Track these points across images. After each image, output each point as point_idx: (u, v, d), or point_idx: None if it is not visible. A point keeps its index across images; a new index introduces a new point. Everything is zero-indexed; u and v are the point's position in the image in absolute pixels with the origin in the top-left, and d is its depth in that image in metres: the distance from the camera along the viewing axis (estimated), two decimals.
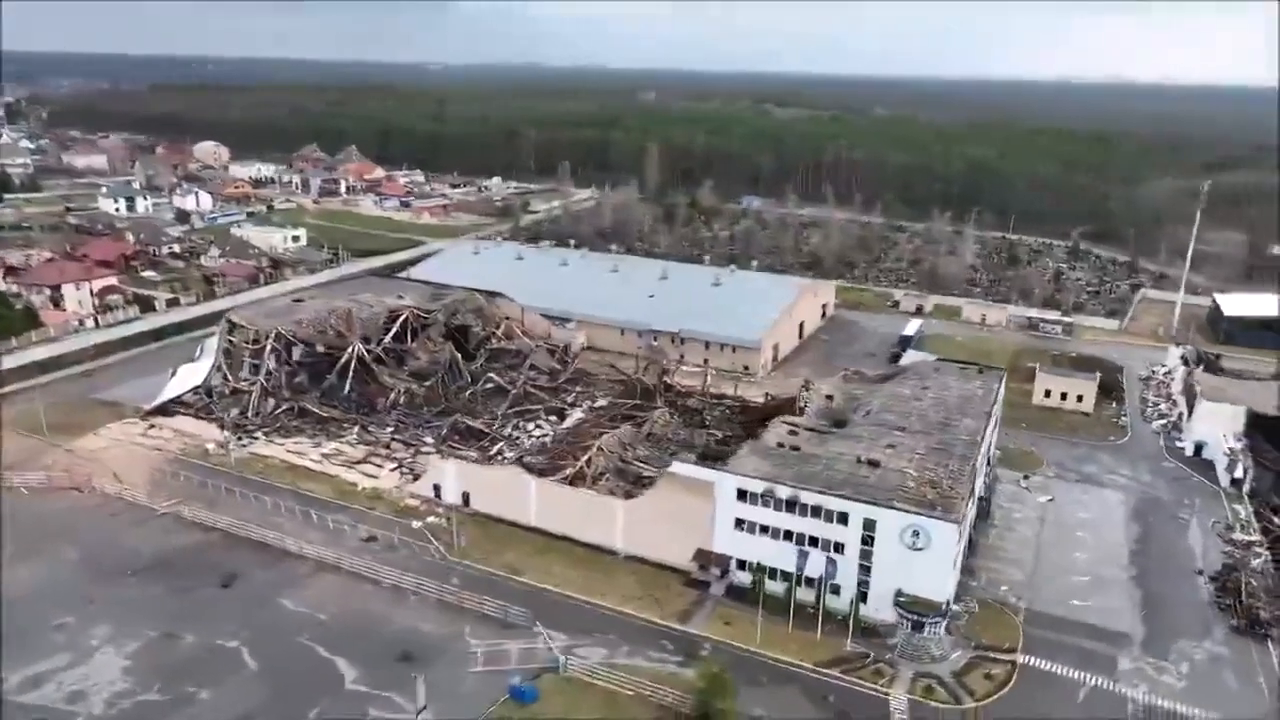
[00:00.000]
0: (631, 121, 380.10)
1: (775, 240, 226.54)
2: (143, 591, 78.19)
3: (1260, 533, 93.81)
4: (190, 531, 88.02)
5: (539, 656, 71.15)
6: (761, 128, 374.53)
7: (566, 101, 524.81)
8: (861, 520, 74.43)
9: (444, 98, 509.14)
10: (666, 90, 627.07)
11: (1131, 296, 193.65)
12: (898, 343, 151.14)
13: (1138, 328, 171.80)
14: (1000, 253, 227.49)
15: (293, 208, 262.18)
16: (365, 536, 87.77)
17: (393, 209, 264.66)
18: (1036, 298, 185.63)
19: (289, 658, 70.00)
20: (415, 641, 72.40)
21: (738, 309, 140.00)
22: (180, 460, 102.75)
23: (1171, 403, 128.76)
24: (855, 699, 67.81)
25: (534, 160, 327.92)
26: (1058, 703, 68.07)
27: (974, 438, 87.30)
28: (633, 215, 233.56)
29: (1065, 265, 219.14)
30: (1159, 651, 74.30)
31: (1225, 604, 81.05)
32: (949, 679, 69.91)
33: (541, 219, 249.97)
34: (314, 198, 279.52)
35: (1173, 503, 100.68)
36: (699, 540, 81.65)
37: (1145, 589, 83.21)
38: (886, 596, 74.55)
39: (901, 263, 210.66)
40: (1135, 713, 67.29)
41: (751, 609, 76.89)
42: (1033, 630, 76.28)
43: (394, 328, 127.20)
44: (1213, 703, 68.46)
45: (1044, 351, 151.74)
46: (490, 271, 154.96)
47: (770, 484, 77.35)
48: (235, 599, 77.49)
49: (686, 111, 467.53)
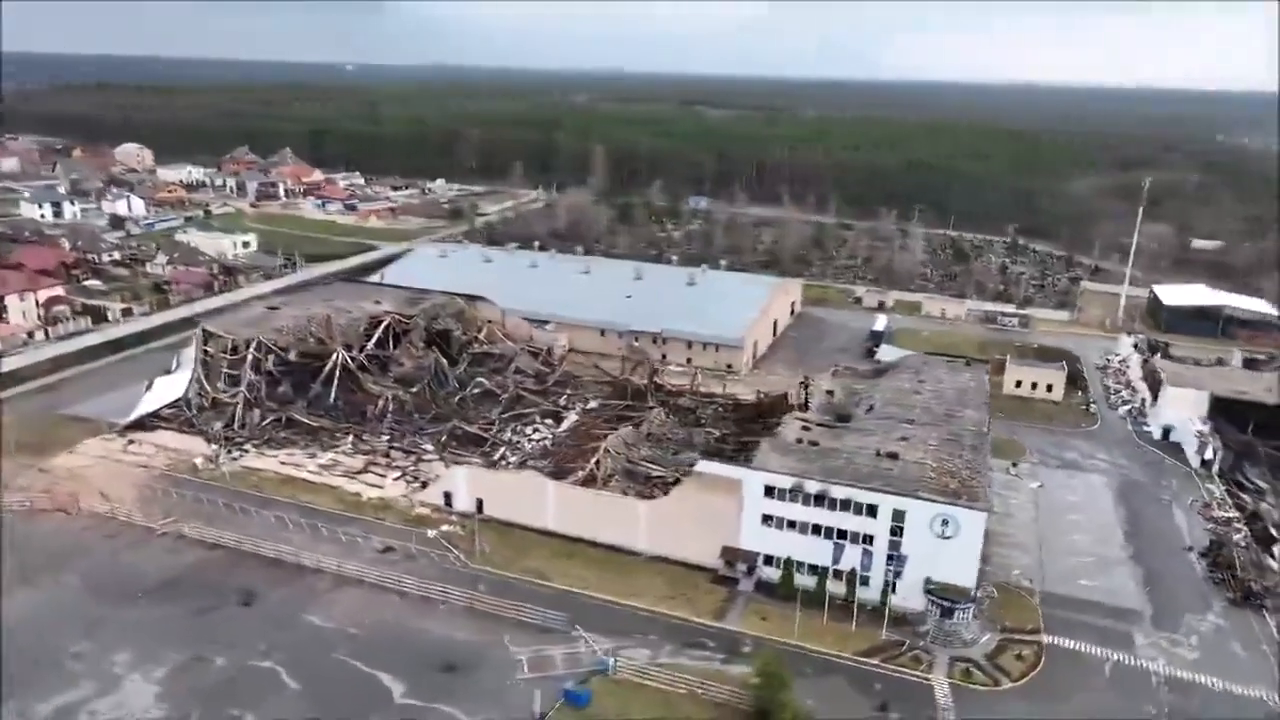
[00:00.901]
0: (574, 122, 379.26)
1: (730, 240, 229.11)
2: (157, 614, 74.99)
3: (1235, 509, 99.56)
4: (194, 550, 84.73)
5: (584, 660, 70.93)
6: (703, 129, 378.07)
7: (497, 103, 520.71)
8: (891, 511, 76.36)
9: (374, 99, 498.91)
10: (597, 91, 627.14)
11: (1073, 289, 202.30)
12: (869, 338, 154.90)
13: (1085, 319, 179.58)
14: (945, 249, 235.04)
15: (231, 212, 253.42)
16: (382, 548, 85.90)
17: (336, 212, 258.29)
18: (988, 292, 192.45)
19: (329, 675, 68.15)
20: (455, 651, 71.34)
21: (717, 308, 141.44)
22: (168, 476, 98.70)
23: (1132, 389, 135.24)
24: (899, 686, 69.57)
25: (476, 162, 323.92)
26: (1086, 678, 71.11)
27: (980, 428, 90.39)
28: (588, 216, 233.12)
29: (1007, 260, 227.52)
30: (1169, 626, 78.28)
31: (1218, 578, 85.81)
32: (984, 662, 72.35)
33: (494, 221, 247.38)
34: (251, 201, 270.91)
35: (1151, 484, 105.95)
36: (724, 538, 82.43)
37: (1144, 567, 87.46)
38: (915, 585, 76.62)
39: (855, 260, 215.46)
40: (1159, 685, 70.78)
41: (781, 603, 78.19)
42: (1050, 611, 79.40)
43: (376, 334, 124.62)
44: (1225, 672, 72.47)
45: (1006, 343, 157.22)
46: (460, 275, 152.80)
47: (799, 479, 78.67)
48: (258, 618, 74.99)
49: (621, 113, 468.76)
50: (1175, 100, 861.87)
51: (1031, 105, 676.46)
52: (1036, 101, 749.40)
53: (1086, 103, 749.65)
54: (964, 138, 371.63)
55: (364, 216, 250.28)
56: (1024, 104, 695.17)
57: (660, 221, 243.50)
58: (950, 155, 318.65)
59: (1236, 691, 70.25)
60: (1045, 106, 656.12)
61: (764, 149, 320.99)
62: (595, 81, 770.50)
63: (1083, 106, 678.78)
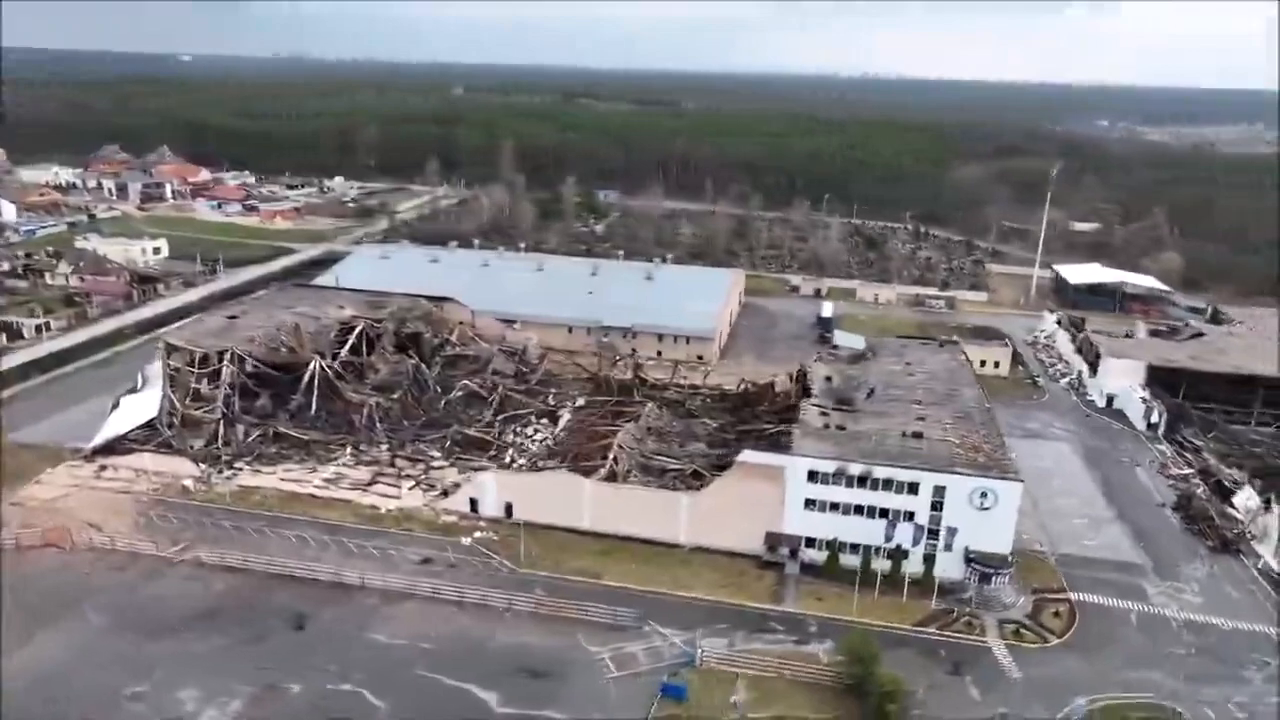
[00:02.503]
0: (476, 117, 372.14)
1: (652, 233, 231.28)
2: (207, 646, 70.79)
3: (1187, 466, 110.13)
4: (219, 576, 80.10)
5: (665, 654, 71.85)
6: (601, 122, 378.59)
7: (373, 96, 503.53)
8: (932, 488, 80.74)
9: (246, 93, 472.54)
10: (472, 84, 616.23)
11: (980, 271, 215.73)
12: (818, 324, 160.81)
13: (999, 298, 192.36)
14: (853, 236, 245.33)
15: (117, 216, 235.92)
16: (420, 559, 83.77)
17: (236, 214, 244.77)
18: (907, 277, 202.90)
19: (416, 692, 66.38)
20: (534, 656, 70.86)
21: (682, 301, 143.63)
22: (159, 501, 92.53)
23: (1066, 363, 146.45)
24: (961, 651, 74.02)
25: (374, 158, 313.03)
26: (1118, 628, 77.74)
27: (983, 405, 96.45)
28: (516, 212, 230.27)
29: (915, 246, 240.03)
30: (1170, 575, 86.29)
31: (1195, 530, 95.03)
32: (1028, 622, 77.81)
33: (411, 218, 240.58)
34: (137, 204, 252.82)
35: (1110, 449, 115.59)
36: (766, 524, 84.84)
37: (1131, 524, 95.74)
38: (955, 556, 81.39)
39: (780, 250, 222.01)
40: (1179, 628, 78.20)
41: (828, 583, 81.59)
42: (1067, 570, 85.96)
43: (350, 340, 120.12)
44: (1228, 612, 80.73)
45: (939, 324, 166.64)
46: (411, 276, 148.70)
47: (842, 462, 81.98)
48: (318, 640, 71.99)
49: (508, 106, 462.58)
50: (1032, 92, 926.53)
51: (908, 98, 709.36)
52: (910, 95, 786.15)
53: (955, 96, 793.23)
54: (853, 130, 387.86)
55: (268, 217, 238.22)
56: (902, 97, 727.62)
57: (582, 216, 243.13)
58: (849, 146, 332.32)
59: (1243, 628, 78.45)
60: (917, 99, 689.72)
61: (667, 142, 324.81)
62: (467, 75, 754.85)
63: (954, 99, 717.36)
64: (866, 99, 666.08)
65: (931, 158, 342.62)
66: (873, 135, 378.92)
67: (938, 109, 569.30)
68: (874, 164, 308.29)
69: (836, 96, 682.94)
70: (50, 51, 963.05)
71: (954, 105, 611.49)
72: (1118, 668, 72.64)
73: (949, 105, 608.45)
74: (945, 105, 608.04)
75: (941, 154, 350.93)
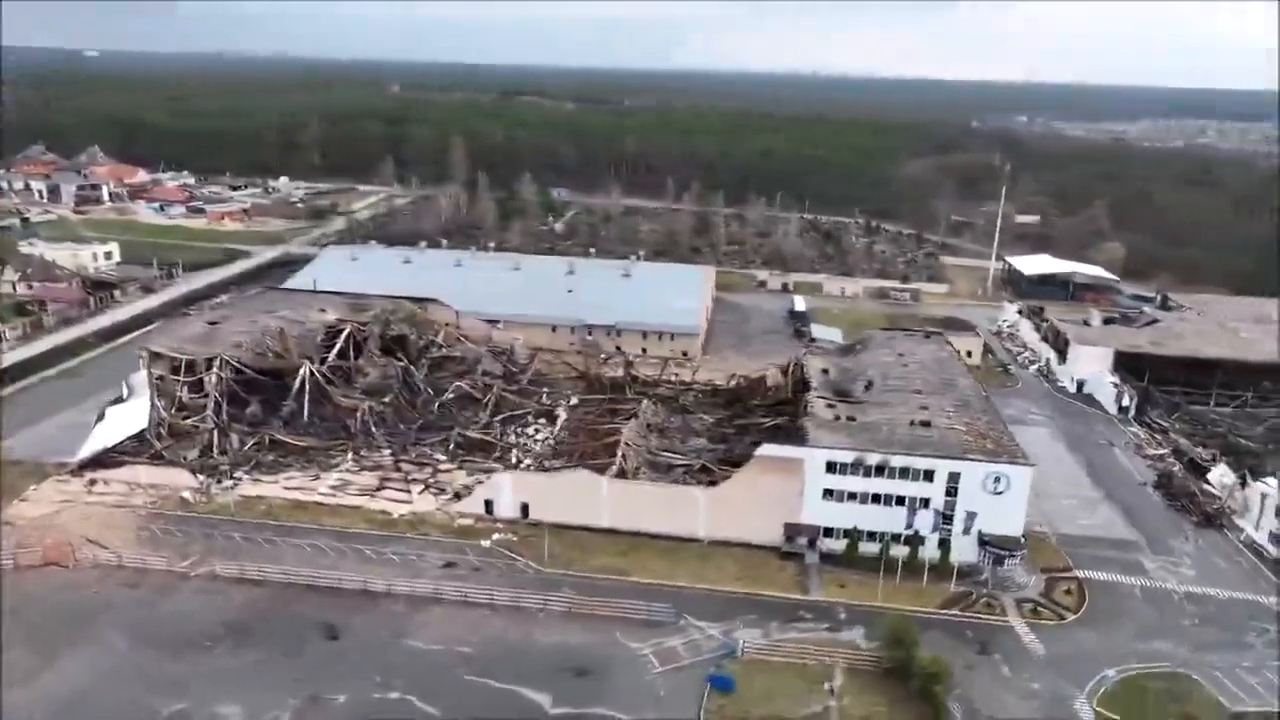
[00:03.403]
0: (424, 115, 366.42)
1: (611, 231, 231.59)
2: (240, 661, 68.99)
3: (1161, 446, 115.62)
4: (238, 589, 77.94)
5: (704, 647, 72.67)
6: (548, 120, 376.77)
7: (310, 94, 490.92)
8: (947, 474, 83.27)
9: (172, 90, 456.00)
10: (405, 81, 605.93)
11: (935, 264, 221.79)
12: (791, 318, 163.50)
13: (958, 290, 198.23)
14: (808, 231, 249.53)
15: (53, 219, 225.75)
16: (443, 563, 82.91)
17: (180, 216, 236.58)
18: (867, 270, 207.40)
19: (466, 697, 65.85)
20: (576, 655, 70.90)
21: (663, 298, 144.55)
22: (158, 514, 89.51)
23: (1032, 351, 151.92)
24: (986, 631, 76.63)
25: (319, 157, 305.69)
26: (1126, 603, 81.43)
27: (980, 393, 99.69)
28: (478, 211, 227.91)
29: (870, 241, 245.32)
30: (1163, 550, 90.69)
31: (1178, 506, 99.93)
32: (1043, 600, 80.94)
33: (369, 218, 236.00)
34: (72, 206, 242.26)
35: (1087, 432, 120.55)
36: (784, 515, 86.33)
37: (1119, 503, 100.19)
38: (970, 540, 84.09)
39: (742, 246, 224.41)
40: (1181, 600, 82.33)
41: (848, 571, 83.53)
42: (1068, 550, 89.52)
43: (338, 344, 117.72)
44: (1222, 582, 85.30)
45: (907, 316, 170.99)
46: (384, 277, 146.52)
47: (860, 453, 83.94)
48: (355, 649, 70.76)
49: (449, 104, 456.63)
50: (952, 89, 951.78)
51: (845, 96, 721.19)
52: (846, 93, 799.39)
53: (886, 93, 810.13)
54: (799, 127, 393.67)
55: (216, 219, 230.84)
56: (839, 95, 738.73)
57: (542, 215, 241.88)
58: (800, 143, 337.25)
59: (1238, 598, 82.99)
60: (853, 97, 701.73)
61: (617, 140, 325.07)
62: (400, 72, 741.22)
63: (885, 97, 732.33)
64: (800, 96, 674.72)
65: (868, 151, 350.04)
66: (816, 132, 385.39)
67: (872, 107, 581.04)
68: (822, 160, 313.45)
69: (770, 93, 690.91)
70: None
71: (888, 103, 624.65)
72: (1131, 640, 76.15)
73: (886, 104, 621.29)
74: (883, 104, 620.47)
75: (878, 149, 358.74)
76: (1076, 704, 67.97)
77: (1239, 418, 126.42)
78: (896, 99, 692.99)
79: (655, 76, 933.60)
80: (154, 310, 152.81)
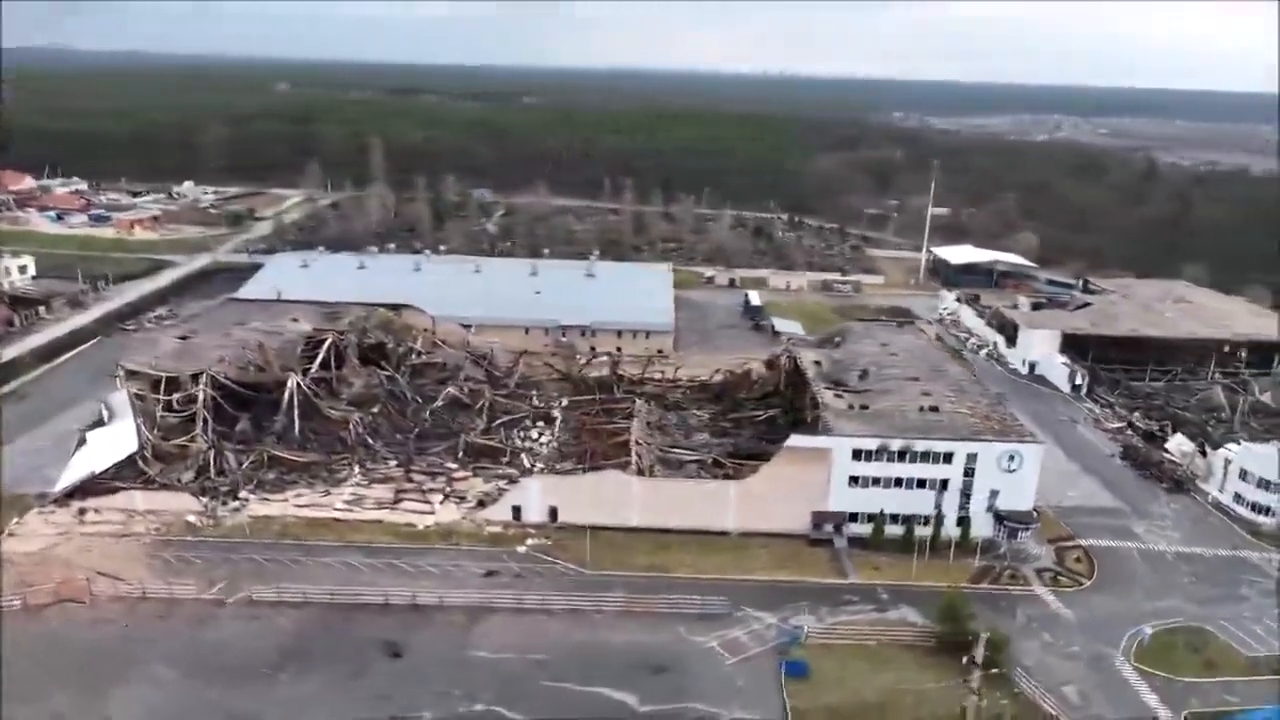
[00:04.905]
0: (332, 115, 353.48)
1: (545, 230, 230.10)
2: (307, 686, 66.56)
3: (1117, 421, 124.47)
4: (280, 613, 74.98)
5: (767, 636, 74.44)
6: (464, 120, 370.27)
7: (186, 94, 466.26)
8: (964, 456, 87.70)
9: (32, 88, 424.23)
10: (296, 80, 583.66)
11: (861, 256, 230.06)
12: (747, 312, 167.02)
13: (893, 280, 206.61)
14: (740, 227, 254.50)
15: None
16: (484, 572, 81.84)
17: (82, 225, 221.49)
18: (803, 264, 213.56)
19: (553, 704, 65.52)
20: (647, 653, 71.56)
21: (634, 297, 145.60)
22: (165, 541, 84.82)
23: (977, 336, 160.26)
24: (1015, 600, 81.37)
25: (223, 160, 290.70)
26: (1129, 565, 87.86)
27: (971, 377, 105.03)
28: (396, 214, 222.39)
29: (795, 235, 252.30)
30: (1147, 515, 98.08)
31: (1147, 474, 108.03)
32: (1059, 568, 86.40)
33: (289, 224, 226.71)
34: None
35: (1048, 411, 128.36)
36: (811, 504, 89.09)
37: (1096, 475, 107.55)
38: (987, 516, 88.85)
39: (681, 243, 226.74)
40: (1175, 559, 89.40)
41: (876, 554, 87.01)
42: (1066, 520, 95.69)
43: (320, 355, 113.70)
44: (1203, 541, 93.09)
45: (853, 307, 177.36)
46: (344, 283, 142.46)
47: (884, 439, 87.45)
48: (422, 665, 69.32)
49: (346, 104, 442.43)
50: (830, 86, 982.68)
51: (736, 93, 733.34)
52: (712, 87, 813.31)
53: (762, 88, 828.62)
54: (707, 124, 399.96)
55: (125, 228, 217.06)
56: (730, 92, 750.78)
57: (475, 216, 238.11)
58: (710, 140, 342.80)
59: (1222, 554, 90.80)
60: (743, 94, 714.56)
61: (536, 138, 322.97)
62: (282, 70, 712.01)
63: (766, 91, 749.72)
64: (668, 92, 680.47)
65: (778, 148, 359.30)
66: (722, 129, 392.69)
67: (749, 103, 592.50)
68: (735, 156, 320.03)
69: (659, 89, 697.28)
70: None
71: (761, 100, 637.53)
72: (1143, 600, 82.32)
73: (759, 100, 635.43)
74: (757, 100, 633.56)
75: (782, 146, 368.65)
76: (1117, 662, 73.19)
77: (1172, 391, 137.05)
78: (770, 95, 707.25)
79: (532, 75, 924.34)
80: (89, 326, 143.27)
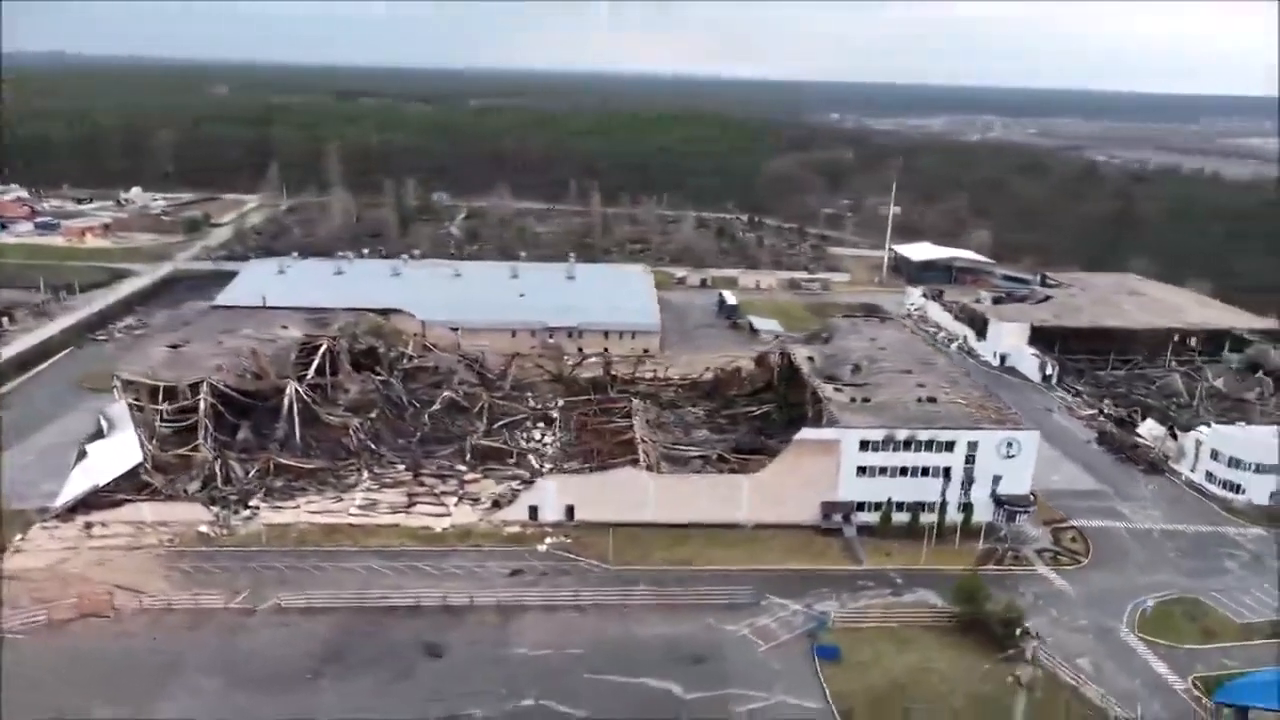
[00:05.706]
0: (285, 118, 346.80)
1: (510, 233, 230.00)
2: (353, 689, 66.79)
3: (1089, 408, 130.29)
4: (312, 619, 74.85)
5: (794, 623, 76.79)
6: (418, 123, 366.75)
7: (121, 96, 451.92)
8: (966, 444, 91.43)
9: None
10: (234, 82, 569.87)
11: (823, 255, 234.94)
12: (723, 311, 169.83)
13: (858, 278, 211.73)
14: (703, 227, 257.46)
15: None
16: (509, 572, 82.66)
17: (29, 233, 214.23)
18: (768, 263, 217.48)
19: (601, 697, 66.85)
20: (682, 644, 73.35)
21: (617, 298, 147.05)
22: (180, 552, 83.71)
23: (946, 330, 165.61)
24: (1020, 579, 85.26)
25: (171, 165, 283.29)
26: (1120, 543, 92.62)
27: (963, 370, 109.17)
28: (358, 218, 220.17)
29: (756, 235, 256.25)
30: (1129, 496, 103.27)
31: (1123, 458, 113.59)
32: (1058, 549, 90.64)
33: (250, 229, 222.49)
34: None
35: (1022, 400, 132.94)
36: (820, 495, 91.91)
37: (1077, 460, 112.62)
38: (987, 502, 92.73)
39: (648, 244, 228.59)
40: (1160, 536, 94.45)
41: (884, 540, 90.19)
42: (1055, 502, 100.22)
43: (315, 361, 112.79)
44: (1182, 519, 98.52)
45: (826, 304, 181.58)
46: (321, 288, 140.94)
47: (890, 430, 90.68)
48: (464, 664, 70.06)
49: (292, 106, 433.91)
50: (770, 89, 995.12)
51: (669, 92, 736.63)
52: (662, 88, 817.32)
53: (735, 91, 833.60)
54: (663, 125, 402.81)
55: (76, 236, 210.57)
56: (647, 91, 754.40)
57: (439, 219, 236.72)
58: (664, 141, 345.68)
59: (1203, 530, 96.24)
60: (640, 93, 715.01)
61: (487, 141, 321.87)
62: (219, 72, 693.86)
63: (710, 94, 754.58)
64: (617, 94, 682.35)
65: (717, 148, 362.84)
66: (686, 129, 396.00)
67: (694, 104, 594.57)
68: (691, 158, 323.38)
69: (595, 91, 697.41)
70: None
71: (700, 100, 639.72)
72: (1137, 575, 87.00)
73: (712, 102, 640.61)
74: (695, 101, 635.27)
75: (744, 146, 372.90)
76: (1122, 634, 77.41)
77: (1134, 379, 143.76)
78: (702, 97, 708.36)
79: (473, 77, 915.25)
80: (58, 337, 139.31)
